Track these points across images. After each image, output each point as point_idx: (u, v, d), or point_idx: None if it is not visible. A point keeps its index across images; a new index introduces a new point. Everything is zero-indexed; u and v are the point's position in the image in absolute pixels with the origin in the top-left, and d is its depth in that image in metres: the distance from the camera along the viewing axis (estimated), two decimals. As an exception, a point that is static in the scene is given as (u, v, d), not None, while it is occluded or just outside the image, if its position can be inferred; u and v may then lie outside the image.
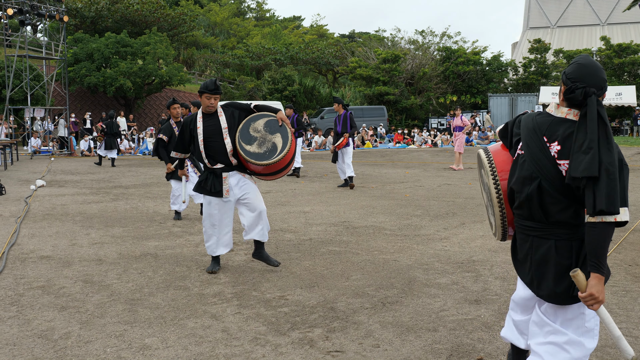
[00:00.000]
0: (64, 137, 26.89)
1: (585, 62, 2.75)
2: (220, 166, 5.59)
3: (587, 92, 2.68)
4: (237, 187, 5.64)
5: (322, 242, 7.28)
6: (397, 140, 29.86)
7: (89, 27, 38.49)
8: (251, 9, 67.38)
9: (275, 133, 5.49)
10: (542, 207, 2.80)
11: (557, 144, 2.75)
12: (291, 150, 5.53)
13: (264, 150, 5.43)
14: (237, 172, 5.65)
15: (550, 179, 2.75)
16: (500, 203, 3.01)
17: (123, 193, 12.16)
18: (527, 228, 2.92)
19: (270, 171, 5.62)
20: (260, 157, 5.40)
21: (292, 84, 36.83)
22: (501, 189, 3.00)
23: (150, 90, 35.39)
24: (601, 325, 4.28)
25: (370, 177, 15.12)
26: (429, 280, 5.56)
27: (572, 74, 2.74)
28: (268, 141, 5.46)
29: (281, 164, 5.54)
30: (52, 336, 4.21)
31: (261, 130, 5.51)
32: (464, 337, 4.14)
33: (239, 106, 5.75)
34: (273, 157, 5.40)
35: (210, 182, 5.59)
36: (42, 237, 7.66)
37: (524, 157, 2.85)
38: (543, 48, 39.61)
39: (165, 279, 5.68)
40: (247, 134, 5.49)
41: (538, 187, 2.78)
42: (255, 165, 5.44)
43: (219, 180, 5.59)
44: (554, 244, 2.81)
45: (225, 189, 5.59)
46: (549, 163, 2.75)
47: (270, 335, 4.20)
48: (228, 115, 5.62)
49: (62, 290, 5.32)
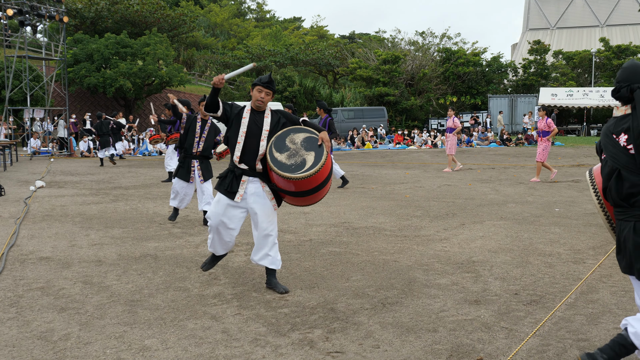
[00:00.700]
0: (63, 138, 26.91)
1: (628, 64, 3.35)
2: (243, 167, 5.16)
3: (632, 88, 3.26)
4: (252, 197, 5.19)
5: (322, 243, 7.28)
6: (397, 141, 29.87)
7: (88, 27, 38.50)
8: (251, 10, 67.48)
9: (310, 150, 5.04)
10: (622, 192, 3.28)
11: (623, 134, 3.29)
12: (321, 174, 5.02)
13: (291, 162, 4.97)
14: (259, 181, 5.20)
15: (626, 165, 3.25)
16: (601, 207, 3.56)
17: (123, 194, 12.16)
18: (617, 214, 3.39)
19: (292, 189, 5.08)
20: (284, 167, 4.94)
21: (293, 84, 36.88)
22: (600, 195, 3.56)
23: (150, 91, 35.43)
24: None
25: (371, 178, 15.12)
26: (428, 280, 5.55)
27: (618, 77, 3.36)
28: (299, 156, 5.02)
29: (305, 185, 5.01)
30: (52, 337, 4.21)
31: (297, 143, 5.10)
32: (463, 337, 4.14)
33: (288, 116, 5.35)
34: (297, 172, 4.90)
35: (229, 181, 5.21)
36: (41, 238, 7.65)
37: (605, 158, 3.39)
38: (542, 49, 39.68)
39: (165, 280, 5.67)
40: (282, 142, 5.10)
41: (617, 175, 3.28)
42: (277, 175, 4.98)
43: (238, 182, 5.19)
44: (634, 225, 3.26)
45: (240, 193, 5.16)
46: (622, 153, 3.27)
47: (271, 336, 4.19)
48: (274, 120, 5.24)
49: (62, 291, 5.31)
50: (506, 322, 4.42)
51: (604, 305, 4.78)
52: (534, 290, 5.20)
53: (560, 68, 39.71)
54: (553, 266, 6.01)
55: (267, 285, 5.39)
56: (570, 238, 7.38)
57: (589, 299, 4.97)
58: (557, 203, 10.29)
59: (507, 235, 7.58)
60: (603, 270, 5.87)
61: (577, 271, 5.82)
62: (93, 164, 20.48)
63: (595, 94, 34.82)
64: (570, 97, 35.02)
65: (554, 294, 5.08)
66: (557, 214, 9.19)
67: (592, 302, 4.87)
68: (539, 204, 10.24)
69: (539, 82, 38.46)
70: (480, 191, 12.10)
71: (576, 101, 34.91)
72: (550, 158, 20.45)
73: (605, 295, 5.06)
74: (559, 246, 6.93)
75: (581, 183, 13.41)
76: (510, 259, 6.35)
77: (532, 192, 11.90)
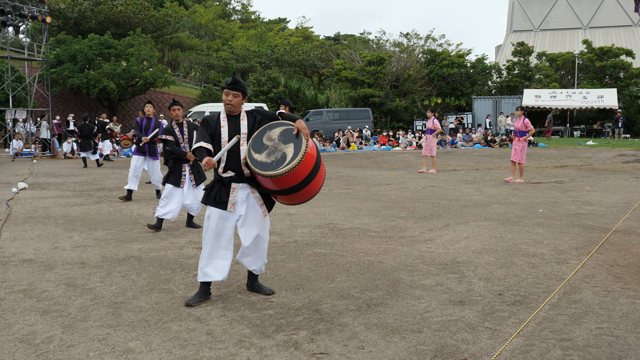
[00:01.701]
0: (46, 139, 26.65)
1: None
2: (230, 174, 4.94)
3: None
4: (244, 204, 4.99)
5: (307, 244, 7.28)
6: (382, 143, 29.92)
7: (72, 28, 38.12)
8: (236, 11, 67.25)
9: (288, 143, 4.78)
10: None
11: None
12: (306, 163, 4.71)
13: (272, 160, 4.73)
14: (248, 187, 5.00)
15: None
16: None
17: (107, 195, 12.07)
18: None
19: (280, 187, 4.80)
20: (265, 167, 4.70)
21: (278, 86, 36.79)
22: None
23: (134, 92, 35.19)
24: (591, 319, 4.33)
25: (356, 179, 15.14)
26: (413, 281, 5.57)
27: None
28: (279, 151, 4.76)
29: (292, 179, 4.70)
30: (34, 340, 4.17)
31: (275, 138, 4.84)
32: (448, 338, 4.15)
33: (265, 113, 5.09)
34: (279, 168, 4.64)
35: (216, 191, 4.98)
36: (23, 240, 7.57)
37: None
38: (526, 51, 39.92)
39: (149, 282, 5.64)
40: (260, 141, 4.87)
41: None
42: (261, 177, 4.76)
43: (227, 190, 4.96)
44: None
45: (232, 202, 4.95)
46: None
47: (255, 338, 4.18)
48: (250, 121, 5.01)
49: (44, 294, 5.27)
50: (490, 323, 4.44)
51: (586, 306, 4.82)
52: (518, 291, 5.23)
53: (543, 70, 39.96)
54: (537, 266, 6.06)
55: (250, 289, 5.33)
56: (554, 239, 7.44)
57: (572, 299, 5.01)
58: (541, 204, 10.37)
59: (491, 236, 7.62)
60: (586, 270, 5.92)
61: (560, 271, 5.87)
62: (76, 165, 20.31)
63: (579, 95, 35.10)
64: (554, 99, 35.29)
65: (538, 294, 5.12)
66: (541, 214, 9.26)
67: (575, 302, 4.91)
68: (522, 204, 10.31)
69: (522, 84, 38.66)
70: (465, 192, 12.16)
71: (559, 102, 35.18)
72: (534, 159, 20.64)
73: (588, 295, 5.10)
74: (543, 247, 6.99)
75: (564, 184, 13.52)
76: (494, 259, 6.39)
77: (516, 192, 11.98)
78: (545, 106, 35.15)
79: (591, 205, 10.15)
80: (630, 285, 5.39)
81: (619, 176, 15.21)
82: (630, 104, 36.50)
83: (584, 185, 13.29)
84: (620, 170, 16.86)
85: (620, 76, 38.15)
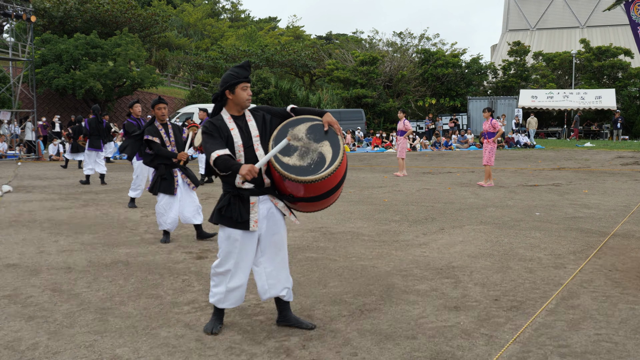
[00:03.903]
0: (31, 141, 26.39)
1: None
2: (248, 186, 4.21)
3: None
4: (266, 220, 4.30)
5: (299, 248, 7.18)
6: (375, 144, 29.85)
7: (57, 27, 37.63)
8: (226, 10, 67.04)
9: (321, 141, 4.16)
10: None
11: None
12: (343, 165, 4.17)
13: (307, 162, 4.07)
14: (269, 198, 4.32)
15: None
16: None
17: (93, 199, 11.93)
18: None
19: (314, 193, 4.15)
20: (303, 171, 4.03)
21: (268, 86, 36.66)
22: None
23: (122, 92, 34.84)
24: (587, 326, 4.25)
25: (348, 182, 15.06)
26: (407, 286, 5.48)
27: None
28: (313, 151, 4.11)
29: (330, 183, 4.10)
30: (19, 347, 4.08)
31: (303, 138, 4.17)
32: (443, 344, 4.07)
33: (272, 110, 4.40)
34: (320, 171, 4.01)
35: (237, 210, 4.21)
36: (8, 245, 7.46)
37: None
38: (522, 51, 39.91)
39: (137, 287, 5.53)
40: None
41: None
42: (296, 183, 4.04)
43: (247, 207, 4.22)
44: None
45: (254, 220, 4.22)
46: None
47: (246, 344, 4.10)
48: (259, 121, 4.31)
49: (30, 299, 5.16)
50: (486, 329, 4.36)
51: (584, 311, 4.74)
52: (515, 296, 5.15)
53: (540, 69, 39.95)
54: (533, 271, 5.98)
55: (286, 323, 4.48)
56: (551, 243, 7.37)
57: (569, 304, 4.93)
58: (538, 207, 10.31)
59: (487, 240, 7.54)
60: (584, 275, 5.85)
61: (557, 276, 5.79)
62: (62, 168, 20.10)
63: (576, 96, 34.98)
64: (551, 99, 35.18)
65: (535, 300, 5.04)
66: (538, 218, 9.20)
67: (573, 308, 4.83)
68: (519, 208, 10.25)
69: (518, 84, 38.63)
70: (460, 195, 12.10)
71: (556, 103, 35.06)
72: (530, 161, 20.66)
73: (586, 300, 5.03)
74: (540, 251, 6.91)
75: (562, 187, 13.48)
76: (490, 264, 6.31)
77: (512, 195, 11.93)
78: (542, 107, 35.07)
79: (589, 209, 10.09)
80: (629, 290, 5.32)
81: (618, 179, 15.20)
82: (629, 105, 36.46)
83: (581, 188, 13.25)
84: (619, 173, 16.87)
85: (618, 76, 38.17)
